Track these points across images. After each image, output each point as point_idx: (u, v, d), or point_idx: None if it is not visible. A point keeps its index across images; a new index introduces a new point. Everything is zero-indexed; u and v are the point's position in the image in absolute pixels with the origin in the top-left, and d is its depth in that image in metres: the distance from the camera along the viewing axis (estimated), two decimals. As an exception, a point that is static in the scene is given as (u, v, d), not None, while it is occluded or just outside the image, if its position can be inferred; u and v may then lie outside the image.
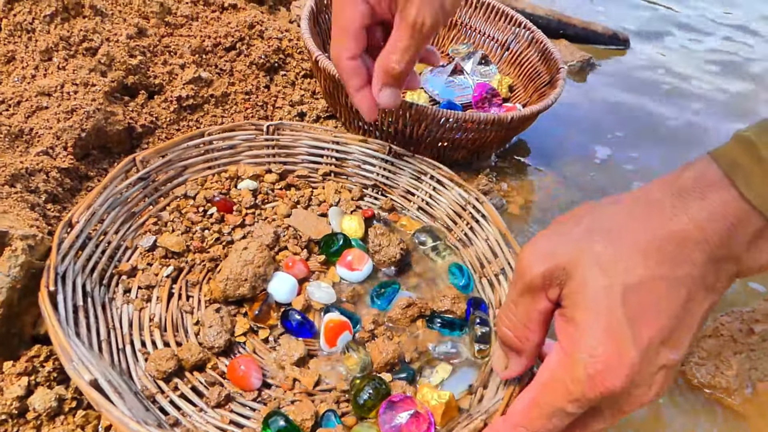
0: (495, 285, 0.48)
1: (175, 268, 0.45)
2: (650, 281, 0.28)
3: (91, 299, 0.40)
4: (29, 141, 0.49)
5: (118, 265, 0.44)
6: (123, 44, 0.59)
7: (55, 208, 0.47)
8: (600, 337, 0.28)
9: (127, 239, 0.46)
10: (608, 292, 0.28)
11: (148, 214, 0.48)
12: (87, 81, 0.54)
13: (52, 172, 0.48)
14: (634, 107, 0.86)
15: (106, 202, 0.44)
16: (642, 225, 0.29)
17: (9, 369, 0.36)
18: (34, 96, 0.52)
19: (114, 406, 0.30)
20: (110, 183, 0.45)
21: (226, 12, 0.72)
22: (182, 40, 0.64)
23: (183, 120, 0.60)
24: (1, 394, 0.35)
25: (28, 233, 0.38)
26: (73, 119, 0.51)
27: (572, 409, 0.29)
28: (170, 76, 0.61)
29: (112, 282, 0.43)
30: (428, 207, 0.55)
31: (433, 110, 0.56)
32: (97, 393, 0.31)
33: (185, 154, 0.51)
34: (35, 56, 0.55)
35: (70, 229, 0.40)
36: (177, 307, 0.43)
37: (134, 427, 0.30)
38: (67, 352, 0.32)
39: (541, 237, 0.31)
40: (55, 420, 0.36)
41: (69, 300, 0.37)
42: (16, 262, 0.36)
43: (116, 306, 0.41)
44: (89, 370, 0.31)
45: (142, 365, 0.39)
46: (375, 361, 0.42)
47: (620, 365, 0.28)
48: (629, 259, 0.28)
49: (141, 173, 0.47)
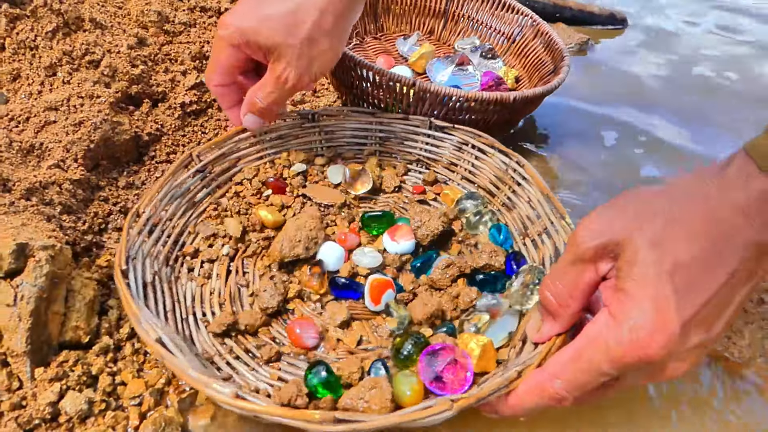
0: (539, 245, 0.49)
1: (232, 247, 0.49)
2: (697, 261, 0.30)
3: (158, 278, 0.44)
4: (40, 155, 0.50)
5: (183, 248, 0.48)
6: (124, 55, 0.60)
7: (69, 218, 0.48)
8: (646, 307, 0.30)
9: (189, 225, 0.50)
10: (658, 267, 0.30)
11: (209, 202, 0.52)
12: (92, 93, 0.55)
13: (64, 184, 0.49)
14: (635, 87, 0.86)
15: (168, 194, 0.48)
16: (689, 211, 0.31)
17: (41, 375, 0.37)
18: (42, 111, 0.53)
19: (176, 358, 0.35)
20: (171, 176, 0.49)
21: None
22: (182, 47, 0.65)
23: (188, 126, 0.61)
24: (34, 399, 0.36)
25: (48, 244, 0.39)
26: (82, 131, 0.52)
27: (608, 369, 0.31)
28: (172, 84, 0.62)
29: (177, 263, 0.47)
30: (471, 176, 0.57)
31: (436, 87, 0.57)
32: (162, 348, 0.35)
33: (238, 147, 0.54)
34: (40, 72, 0.56)
35: (137, 218, 0.45)
36: (234, 282, 0.47)
37: (193, 374, 0.33)
38: (136, 315, 0.36)
39: (596, 214, 0.33)
40: (86, 422, 0.37)
41: (139, 277, 0.41)
42: (41, 272, 0.37)
43: (181, 284, 0.46)
44: (155, 330, 0.36)
45: (203, 332, 0.43)
46: (417, 314, 0.44)
47: (662, 336, 0.29)
48: (679, 239, 0.30)
49: (198, 166, 0.51)
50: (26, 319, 0.37)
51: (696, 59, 0.94)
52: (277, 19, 0.45)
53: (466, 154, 0.57)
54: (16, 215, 0.41)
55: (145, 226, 0.45)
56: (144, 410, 0.39)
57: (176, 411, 0.39)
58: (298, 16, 0.45)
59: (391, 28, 0.84)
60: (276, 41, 0.45)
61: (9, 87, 0.56)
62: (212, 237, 0.50)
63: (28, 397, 0.36)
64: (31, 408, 0.36)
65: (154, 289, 0.43)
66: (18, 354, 0.37)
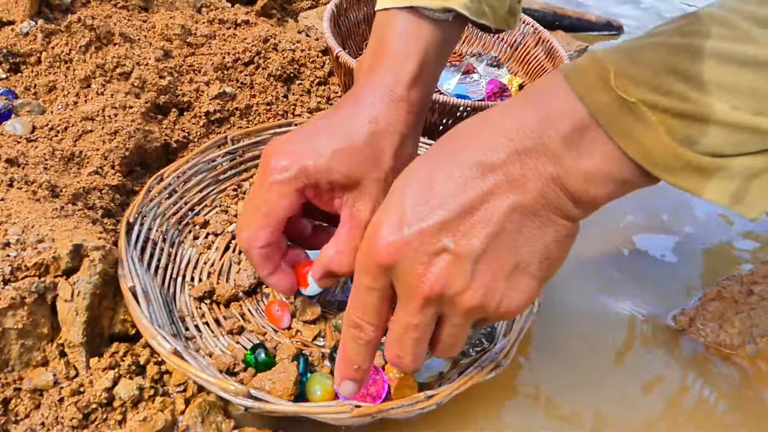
0: None
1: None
2: (436, 167, 0.29)
3: (163, 238, 0.50)
4: (80, 162, 0.54)
5: (194, 217, 0.54)
6: (152, 67, 0.63)
7: (110, 221, 0.51)
8: (381, 210, 0.30)
9: (207, 198, 0.56)
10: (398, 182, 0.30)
11: (231, 182, 0.57)
12: (125, 104, 0.59)
13: (104, 189, 0.53)
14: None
15: (195, 167, 0.54)
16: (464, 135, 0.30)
17: (95, 364, 0.41)
18: (79, 121, 0.56)
19: (138, 307, 0.40)
20: (202, 153, 0.54)
21: (239, 28, 0.77)
22: (204, 59, 0.69)
23: (212, 133, 0.65)
24: (91, 386, 0.40)
25: (99, 245, 0.42)
26: (117, 140, 0.56)
27: (368, 282, 0.30)
28: (197, 93, 0.65)
29: (185, 229, 0.53)
30: None
31: (444, 99, 0.60)
32: (131, 296, 0.40)
33: (272, 139, 0.58)
34: (75, 84, 0.60)
35: (160, 181, 0.50)
36: (229, 258, 0.52)
37: (145, 322, 0.39)
38: (123, 263, 0.42)
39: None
40: (137, 406, 0.41)
41: (143, 232, 0.47)
42: (95, 270, 0.41)
43: (183, 248, 0.52)
44: (133, 280, 0.41)
45: (186, 294, 0.48)
46: None
47: (389, 233, 0.28)
48: (423, 157, 0.30)
49: (230, 148, 0.56)
50: (82, 313, 0.40)
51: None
52: (352, 151, 0.37)
53: None
54: (67, 218, 0.45)
55: (165, 189, 0.51)
56: (188, 396, 0.42)
57: (217, 397, 0.43)
58: (378, 145, 0.38)
59: (398, 38, 0.88)
60: (355, 177, 0.38)
61: (45, 98, 0.60)
62: (225, 214, 0.55)
63: (85, 384, 0.40)
64: (88, 394, 0.40)
65: (154, 245, 0.48)
66: (75, 345, 0.41)
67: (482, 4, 0.41)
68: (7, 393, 0.38)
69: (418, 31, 0.39)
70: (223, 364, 0.42)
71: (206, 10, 0.78)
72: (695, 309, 0.54)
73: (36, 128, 0.55)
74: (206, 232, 0.54)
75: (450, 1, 0.39)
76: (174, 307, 0.47)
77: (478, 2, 0.41)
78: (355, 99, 0.39)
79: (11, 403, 0.38)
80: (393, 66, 0.39)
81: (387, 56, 0.39)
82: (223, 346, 0.46)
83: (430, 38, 0.39)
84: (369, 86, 0.39)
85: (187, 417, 0.41)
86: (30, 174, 0.48)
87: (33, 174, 0.48)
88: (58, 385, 0.40)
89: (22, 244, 0.41)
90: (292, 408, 0.37)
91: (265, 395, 0.38)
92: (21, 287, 0.39)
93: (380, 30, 0.40)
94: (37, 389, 0.39)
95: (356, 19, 0.80)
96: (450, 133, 0.31)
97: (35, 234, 0.41)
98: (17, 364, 0.39)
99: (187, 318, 0.47)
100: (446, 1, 0.39)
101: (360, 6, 0.80)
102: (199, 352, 0.44)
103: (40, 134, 0.55)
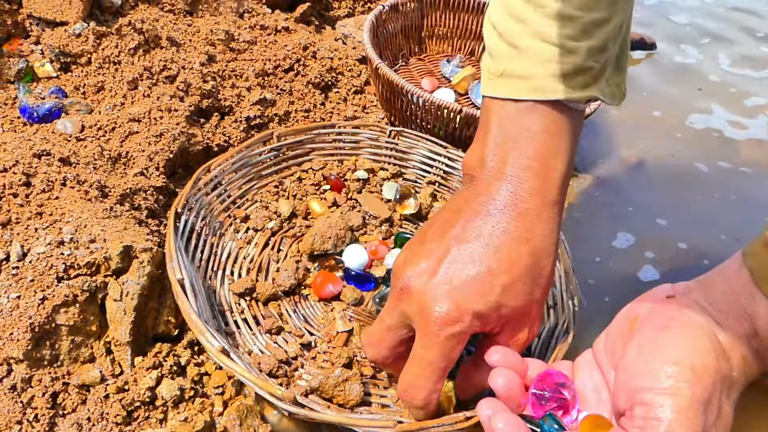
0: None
1: (277, 224, 0.55)
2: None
3: (206, 228, 0.51)
4: (126, 163, 0.56)
5: (236, 210, 0.56)
6: (197, 71, 0.65)
7: (153, 222, 0.53)
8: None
9: (249, 193, 0.57)
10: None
11: (273, 178, 0.59)
12: (170, 107, 0.60)
13: (149, 190, 0.54)
14: (665, 110, 0.89)
15: (240, 161, 0.56)
16: None
17: (140, 363, 0.42)
18: (126, 122, 0.58)
19: (187, 300, 0.40)
20: (247, 148, 0.56)
21: (279, 34, 0.78)
22: (246, 64, 0.70)
23: (251, 138, 0.66)
24: (135, 384, 0.41)
25: (147, 246, 0.44)
26: (162, 142, 0.57)
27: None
28: (238, 99, 0.67)
29: (227, 222, 0.54)
30: None
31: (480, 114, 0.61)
32: (180, 288, 0.41)
33: (317, 139, 0.61)
34: (122, 86, 0.61)
35: (207, 172, 0.53)
36: (268, 255, 0.54)
37: (194, 318, 0.39)
38: (171, 255, 0.43)
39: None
40: (178, 406, 0.42)
41: (189, 222, 0.49)
42: (144, 272, 0.42)
43: (224, 240, 0.53)
44: (181, 272, 0.42)
45: (226, 288, 0.49)
46: None
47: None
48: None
49: (275, 145, 0.58)
50: (130, 313, 0.42)
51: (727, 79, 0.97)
52: (517, 281, 0.35)
53: None
54: (116, 219, 0.46)
55: (211, 181, 0.53)
56: (226, 398, 0.43)
57: (254, 400, 0.44)
58: (539, 264, 0.36)
59: (434, 50, 0.88)
60: (519, 308, 0.36)
61: (93, 98, 0.62)
62: (266, 210, 0.57)
63: (129, 382, 0.41)
64: (132, 392, 0.41)
65: (198, 236, 0.50)
66: (121, 344, 0.42)
67: (611, 86, 0.39)
68: (56, 387, 0.40)
69: (564, 125, 0.36)
70: (266, 365, 0.43)
71: (248, 15, 0.80)
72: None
73: (85, 127, 0.57)
74: (246, 226, 0.55)
75: (592, 89, 0.37)
76: (214, 300, 0.48)
77: (606, 84, 0.38)
78: (500, 209, 0.36)
79: (59, 396, 0.40)
80: (541, 168, 0.36)
81: (531, 158, 0.36)
82: (262, 345, 0.46)
83: (574, 131, 0.37)
84: (511, 194, 0.36)
85: (225, 419, 0.42)
86: (81, 174, 0.50)
87: (84, 174, 0.50)
88: (104, 381, 0.41)
89: (75, 243, 0.42)
90: (336, 418, 0.38)
91: (309, 402, 0.39)
92: (74, 285, 0.40)
93: (508, 123, 0.37)
94: (84, 385, 0.40)
95: (393, 30, 0.81)
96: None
97: (87, 234, 0.43)
98: (66, 359, 0.41)
99: (227, 313, 0.47)
100: (588, 89, 0.36)
101: (398, 17, 0.81)
102: (239, 348, 0.45)
103: (88, 134, 0.56)
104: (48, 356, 0.40)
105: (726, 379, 0.32)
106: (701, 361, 0.31)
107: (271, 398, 0.37)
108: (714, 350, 0.32)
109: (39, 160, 0.49)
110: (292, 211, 0.57)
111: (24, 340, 0.38)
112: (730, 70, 1.02)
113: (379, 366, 0.43)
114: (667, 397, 0.30)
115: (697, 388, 0.30)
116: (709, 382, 0.30)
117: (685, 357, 0.31)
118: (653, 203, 0.71)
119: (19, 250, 0.41)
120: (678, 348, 0.31)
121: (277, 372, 0.43)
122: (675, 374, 0.30)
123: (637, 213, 0.69)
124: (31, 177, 0.47)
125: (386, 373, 0.46)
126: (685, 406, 0.29)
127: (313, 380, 0.42)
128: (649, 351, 0.32)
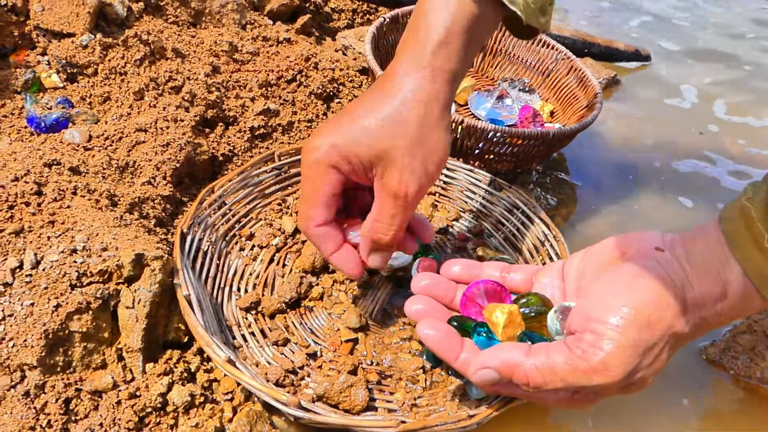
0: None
1: (282, 241, 0.57)
2: None
3: (212, 247, 0.52)
4: (134, 173, 0.56)
5: (241, 229, 0.57)
6: (202, 82, 0.66)
7: (161, 231, 0.53)
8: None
9: (253, 212, 0.59)
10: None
11: (276, 196, 0.60)
12: (176, 117, 0.61)
13: (156, 199, 0.55)
14: (661, 121, 0.91)
15: (243, 181, 0.57)
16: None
17: (151, 370, 0.42)
18: (132, 132, 0.59)
19: (194, 315, 0.42)
20: (251, 167, 0.58)
21: (281, 45, 0.79)
22: (250, 75, 0.71)
23: (255, 147, 0.67)
24: (146, 390, 0.42)
25: (158, 254, 0.44)
26: (169, 152, 0.58)
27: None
28: (242, 109, 0.68)
29: (232, 240, 0.56)
30: (514, 239, 0.60)
31: (483, 125, 0.62)
32: (186, 304, 0.42)
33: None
34: (129, 96, 0.62)
35: (211, 193, 0.54)
36: (273, 270, 0.55)
37: (200, 330, 0.41)
38: (178, 271, 0.44)
39: None
40: (189, 412, 0.42)
41: (195, 242, 0.50)
42: (155, 279, 0.43)
43: (230, 258, 0.54)
44: (188, 288, 0.44)
45: (233, 303, 0.51)
46: None
47: None
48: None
49: (277, 164, 0.60)
50: (142, 320, 0.42)
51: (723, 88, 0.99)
52: (378, 125, 0.39)
53: (514, 217, 0.60)
54: (127, 228, 0.47)
55: (216, 201, 0.54)
56: (235, 404, 0.44)
57: (263, 406, 0.44)
58: (401, 116, 0.39)
59: (433, 60, 0.90)
60: (381, 147, 0.39)
61: (99, 108, 0.63)
62: (269, 227, 0.58)
63: (141, 388, 0.42)
64: (144, 398, 0.41)
65: (204, 255, 0.51)
66: (133, 350, 0.42)
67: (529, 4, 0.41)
68: (69, 393, 0.40)
69: (448, 3, 0.39)
70: (273, 375, 0.43)
71: (250, 27, 0.81)
72: (726, 341, 0.55)
73: (92, 137, 0.57)
74: (252, 244, 0.56)
75: None
76: (222, 315, 0.49)
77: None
78: (384, 75, 0.41)
79: (72, 402, 0.40)
80: (420, 37, 0.40)
81: (416, 30, 0.40)
82: (269, 356, 0.47)
83: (458, 10, 0.39)
84: (396, 60, 0.41)
85: (235, 425, 0.43)
86: (91, 183, 0.50)
87: (93, 183, 0.51)
88: (117, 387, 0.41)
89: (88, 251, 0.43)
90: (340, 420, 0.39)
91: (314, 406, 0.39)
92: (87, 293, 0.41)
93: (416, 7, 0.42)
94: (96, 391, 0.41)
95: (394, 41, 0.83)
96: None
97: (99, 242, 0.44)
98: (79, 365, 0.41)
99: (234, 327, 0.49)
100: None
101: (399, 29, 0.82)
102: (246, 360, 0.46)
103: (96, 143, 0.57)
104: (61, 363, 0.40)
105: (676, 335, 0.35)
106: (659, 314, 0.35)
107: (277, 404, 0.38)
108: (675, 308, 0.35)
109: (49, 169, 0.49)
110: (295, 228, 0.58)
111: (38, 346, 0.39)
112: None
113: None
114: (615, 333, 0.34)
115: (645, 335, 0.34)
116: (658, 334, 0.34)
117: (646, 306, 0.35)
118: (652, 212, 0.73)
119: (33, 258, 0.42)
120: (643, 296, 0.35)
121: (284, 381, 0.43)
122: (630, 317, 0.34)
123: (634, 221, 0.71)
124: (42, 186, 0.47)
125: (392, 378, 0.47)
126: (626, 345, 0.34)
127: (319, 387, 0.43)
128: (617, 290, 0.36)
